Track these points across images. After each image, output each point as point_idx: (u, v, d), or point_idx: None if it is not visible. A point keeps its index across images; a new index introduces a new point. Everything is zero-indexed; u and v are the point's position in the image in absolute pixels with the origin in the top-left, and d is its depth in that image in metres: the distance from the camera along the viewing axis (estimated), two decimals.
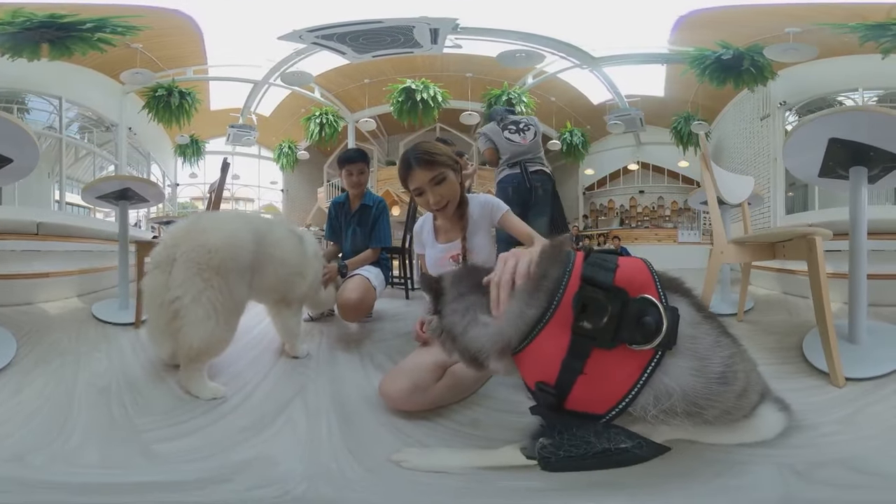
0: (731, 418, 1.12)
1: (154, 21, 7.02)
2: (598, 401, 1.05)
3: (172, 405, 1.60)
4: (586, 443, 1.06)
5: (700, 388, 1.02)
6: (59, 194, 7.50)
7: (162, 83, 8.45)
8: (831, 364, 1.69)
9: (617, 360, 1.02)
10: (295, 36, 7.37)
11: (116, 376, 1.85)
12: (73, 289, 3.71)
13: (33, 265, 3.45)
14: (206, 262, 1.61)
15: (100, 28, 6.65)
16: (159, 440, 1.36)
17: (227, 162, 3.12)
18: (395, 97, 9.00)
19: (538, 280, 1.09)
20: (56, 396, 1.65)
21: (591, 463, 1.07)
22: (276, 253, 1.93)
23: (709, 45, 7.45)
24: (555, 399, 1.07)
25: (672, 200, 10.79)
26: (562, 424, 1.09)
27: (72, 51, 6.75)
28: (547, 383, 1.07)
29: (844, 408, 1.49)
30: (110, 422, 1.49)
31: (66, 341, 2.35)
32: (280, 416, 1.51)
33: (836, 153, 1.95)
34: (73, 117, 7.94)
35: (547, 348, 1.06)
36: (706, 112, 9.16)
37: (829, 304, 1.70)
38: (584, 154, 10.66)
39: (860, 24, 6.21)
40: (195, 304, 1.59)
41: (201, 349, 1.63)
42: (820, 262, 1.70)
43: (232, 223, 1.82)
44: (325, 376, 1.91)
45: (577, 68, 8.74)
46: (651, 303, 1.01)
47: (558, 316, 1.05)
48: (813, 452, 1.21)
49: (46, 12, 6.21)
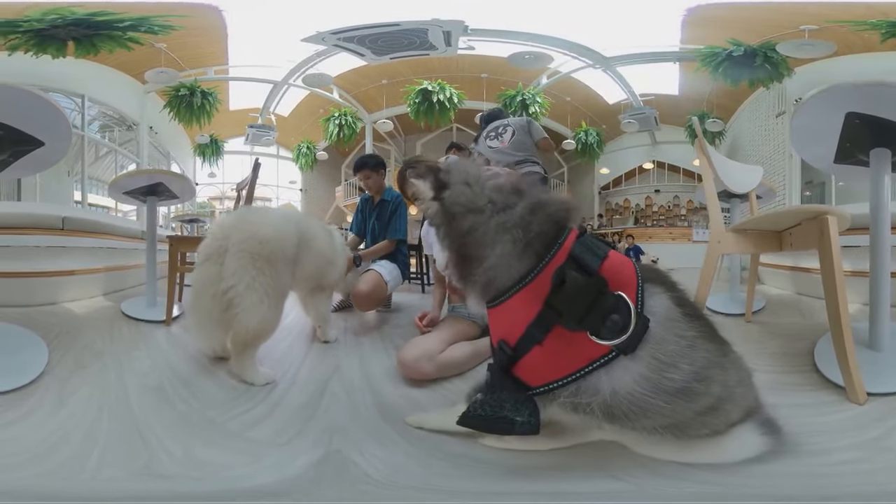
0: (689, 434, 1.06)
1: (189, 20, 7.11)
2: (539, 373, 1.07)
3: (232, 395, 1.65)
4: (499, 407, 1.07)
5: (639, 396, 0.99)
6: (80, 194, 7.62)
7: (185, 83, 8.59)
8: (848, 375, 1.42)
9: (573, 342, 1.02)
10: (318, 38, 7.53)
11: (165, 374, 1.84)
12: (98, 287, 3.65)
13: (59, 262, 3.31)
14: (259, 252, 1.74)
15: (136, 27, 6.77)
16: (245, 427, 1.39)
17: (259, 162, 3.21)
18: (411, 98, 9.08)
19: (538, 229, 1.08)
20: (108, 403, 1.53)
21: (489, 425, 1.09)
22: (314, 244, 2.11)
23: (719, 43, 7.42)
24: (508, 360, 1.09)
25: (688, 199, 10.75)
26: (499, 385, 1.10)
27: (98, 49, 6.84)
28: (508, 343, 1.09)
29: (866, 430, 1.25)
30: (183, 418, 1.45)
31: (100, 342, 2.26)
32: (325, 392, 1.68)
33: (854, 132, 1.67)
34: (94, 115, 8.08)
35: (519, 310, 1.07)
36: (721, 110, 9.10)
37: (844, 300, 1.43)
38: (600, 153, 10.65)
39: (882, 20, 6.14)
40: (249, 290, 1.71)
41: (257, 332, 1.75)
42: (834, 250, 1.42)
43: (277, 217, 1.98)
44: (355, 357, 2.14)
45: (590, 68, 8.77)
46: (626, 303, 0.99)
47: (537, 282, 1.05)
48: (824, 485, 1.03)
49: (90, 10, 6.30)
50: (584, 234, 1.12)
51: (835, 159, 1.81)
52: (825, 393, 1.51)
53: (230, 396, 1.64)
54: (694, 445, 1.08)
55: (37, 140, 1.96)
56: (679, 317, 1.05)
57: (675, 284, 1.12)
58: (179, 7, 6.83)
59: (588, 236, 1.12)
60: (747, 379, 1.12)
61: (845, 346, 1.41)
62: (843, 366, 1.44)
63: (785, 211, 1.65)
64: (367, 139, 10.54)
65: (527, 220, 1.09)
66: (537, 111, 9.18)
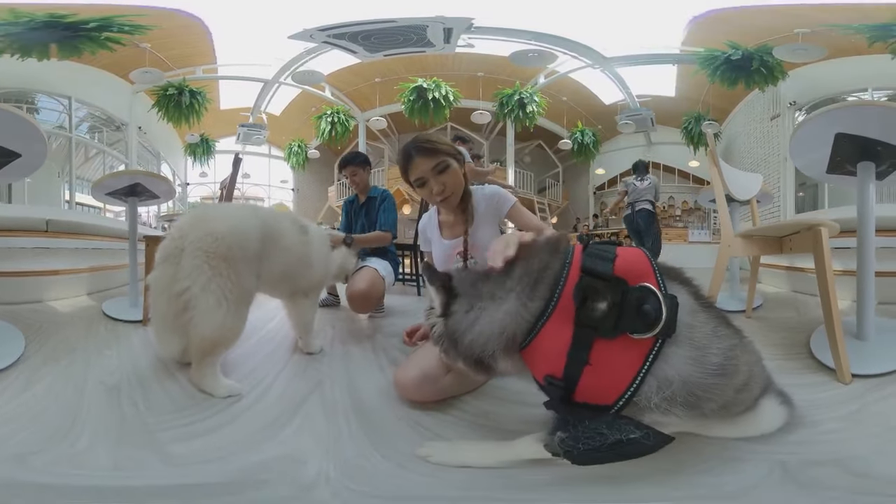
0: (732, 412, 1.12)
1: (159, 20, 7.05)
2: (606, 391, 1.04)
3: (185, 404, 1.54)
4: (600, 434, 1.04)
5: (697, 377, 1.01)
6: (69, 194, 7.55)
7: (172, 82, 8.49)
8: (838, 360, 1.66)
9: (620, 349, 1.02)
10: (306, 35, 7.41)
11: (127, 374, 1.80)
12: (83, 287, 3.68)
13: (43, 262, 3.38)
14: (214, 250, 1.58)
15: (105, 27, 6.70)
16: (174, 440, 1.30)
17: (239, 157, 3.12)
18: (406, 96, 9.02)
19: (539, 272, 1.09)
20: (65, 395, 1.59)
21: (607, 455, 1.05)
22: (282, 242, 1.90)
23: (718, 46, 7.45)
24: (564, 391, 1.05)
25: (683, 200, 10.75)
26: (574, 417, 1.07)
27: (81, 50, 6.79)
28: (555, 376, 1.06)
29: (849, 405, 1.47)
30: (121, 421, 1.42)
31: (75, 339, 2.30)
32: (300, 410, 1.49)
33: (843, 148, 1.93)
34: (83, 117, 7.99)
35: (552, 341, 1.05)
36: (717, 112, 9.13)
37: (835, 298, 1.68)
38: (596, 154, 10.65)
39: (866, 24, 6.23)
40: (205, 292, 1.56)
41: (214, 339, 1.60)
42: (826, 255, 1.68)
43: (237, 212, 1.80)
44: (341, 371, 1.90)
45: (588, 68, 8.75)
46: (650, 291, 1.00)
47: (560, 308, 1.05)
48: (810, 450, 1.18)
49: (45, 11, 6.22)
50: (589, 244, 1.12)
51: (827, 170, 2.06)
52: (818, 375, 1.74)
53: (182, 405, 1.53)
54: (738, 422, 1.17)
55: (14, 153, 2.08)
56: (699, 308, 1.08)
57: (689, 280, 1.14)
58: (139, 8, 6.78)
59: (592, 245, 1.11)
60: (760, 360, 1.20)
61: (836, 335, 1.66)
62: (834, 352, 1.68)
63: (786, 222, 2.00)
64: (361, 137, 10.48)
65: (526, 274, 1.10)
66: (534, 110, 9.15)
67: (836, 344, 1.67)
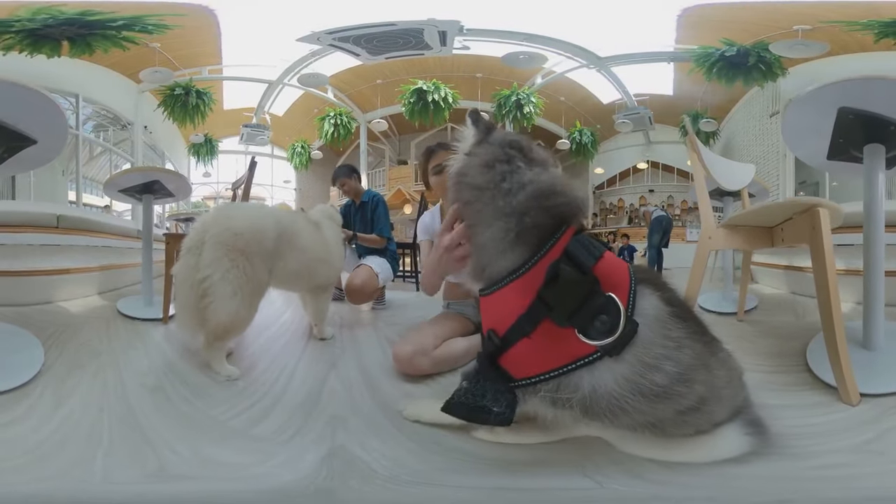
0: (666, 432, 1.08)
1: (182, 20, 7.08)
2: (524, 366, 1.08)
3: (232, 391, 1.66)
4: (481, 396, 1.08)
5: (618, 396, 1.00)
6: (75, 194, 7.54)
7: (180, 82, 8.54)
8: (840, 375, 1.36)
9: (560, 338, 1.03)
10: (313, 38, 7.51)
11: (163, 372, 1.82)
12: (94, 286, 3.63)
13: (53, 261, 3.29)
14: (233, 244, 1.77)
15: (129, 26, 6.73)
16: (250, 424, 1.38)
17: (255, 161, 3.27)
18: (406, 98, 9.07)
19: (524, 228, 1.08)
20: (107, 404, 1.48)
21: (464, 413, 1.11)
22: (298, 241, 2.10)
23: (713, 43, 7.44)
24: (495, 350, 1.09)
25: (682, 199, 10.79)
26: (483, 375, 1.11)
27: (93, 48, 6.79)
28: (497, 333, 1.09)
29: (858, 432, 1.20)
30: (189, 420, 1.41)
31: (97, 341, 2.24)
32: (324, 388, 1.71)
33: (847, 127, 1.63)
34: (88, 115, 8.01)
35: (511, 301, 1.07)
36: (715, 110, 9.12)
37: (837, 297, 1.37)
38: (594, 153, 10.67)
39: (874, 20, 6.15)
40: (223, 282, 1.74)
41: (227, 325, 1.77)
42: (825, 243, 1.35)
43: (256, 211, 2.02)
44: (352, 353, 2.18)
45: (585, 68, 8.78)
46: (616, 305, 0.99)
47: (530, 275, 1.05)
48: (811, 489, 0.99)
49: (79, 9, 6.26)
50: (582, 232, 1.12)
51: (828, 156, 1.78)
52: (817, 394, 1.46)
53: (231, 393, 1.64)
54: (676, 444, 1.09)
55: (30, 138, 1.87)
56: (667, 317, 1.05)
57: (665, 284, 1.13)
58: (173, 6, 6.80)
59: (585, 235, 1.11)
60: (737, 378, 1.13)
61: (838, 344, 1.35)
62: (836, 366, 1.37)
63: (775, 204, 1.56)
64: (362, 139, 10.53)
65: (523, 209, 1.08)
66: (532, 111, 9.19)
67: (837, 355, 1.35)
